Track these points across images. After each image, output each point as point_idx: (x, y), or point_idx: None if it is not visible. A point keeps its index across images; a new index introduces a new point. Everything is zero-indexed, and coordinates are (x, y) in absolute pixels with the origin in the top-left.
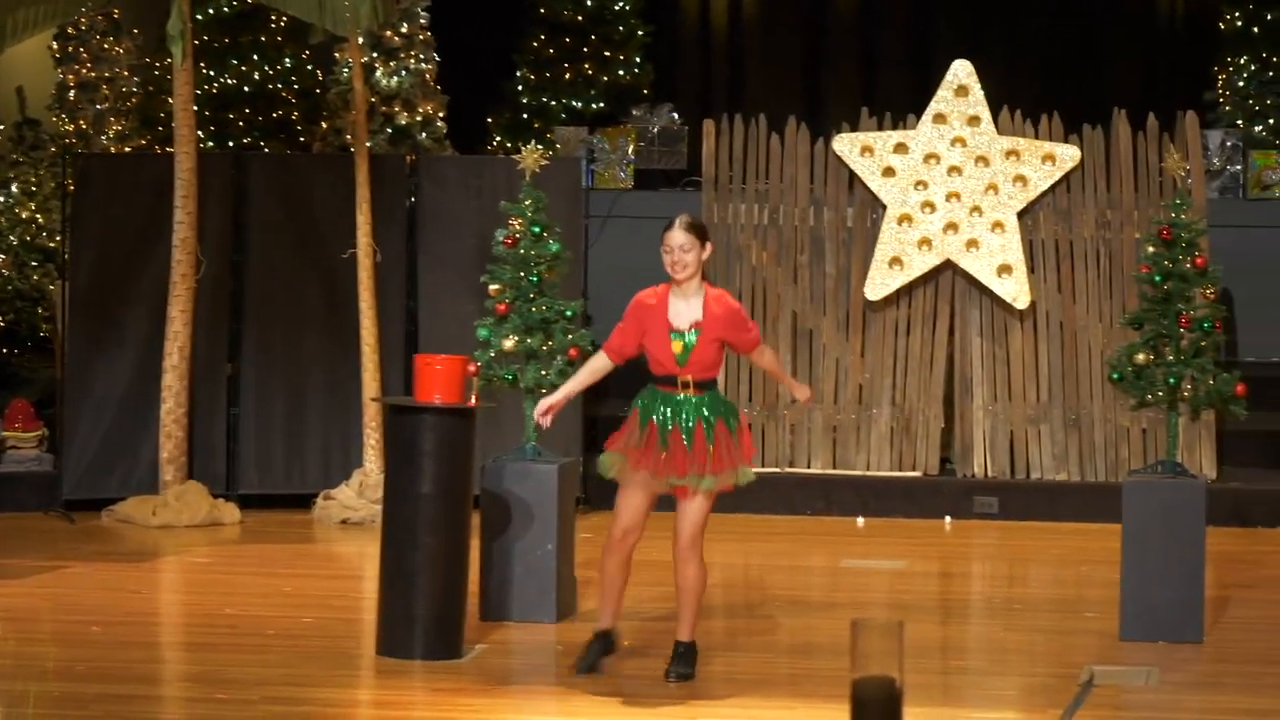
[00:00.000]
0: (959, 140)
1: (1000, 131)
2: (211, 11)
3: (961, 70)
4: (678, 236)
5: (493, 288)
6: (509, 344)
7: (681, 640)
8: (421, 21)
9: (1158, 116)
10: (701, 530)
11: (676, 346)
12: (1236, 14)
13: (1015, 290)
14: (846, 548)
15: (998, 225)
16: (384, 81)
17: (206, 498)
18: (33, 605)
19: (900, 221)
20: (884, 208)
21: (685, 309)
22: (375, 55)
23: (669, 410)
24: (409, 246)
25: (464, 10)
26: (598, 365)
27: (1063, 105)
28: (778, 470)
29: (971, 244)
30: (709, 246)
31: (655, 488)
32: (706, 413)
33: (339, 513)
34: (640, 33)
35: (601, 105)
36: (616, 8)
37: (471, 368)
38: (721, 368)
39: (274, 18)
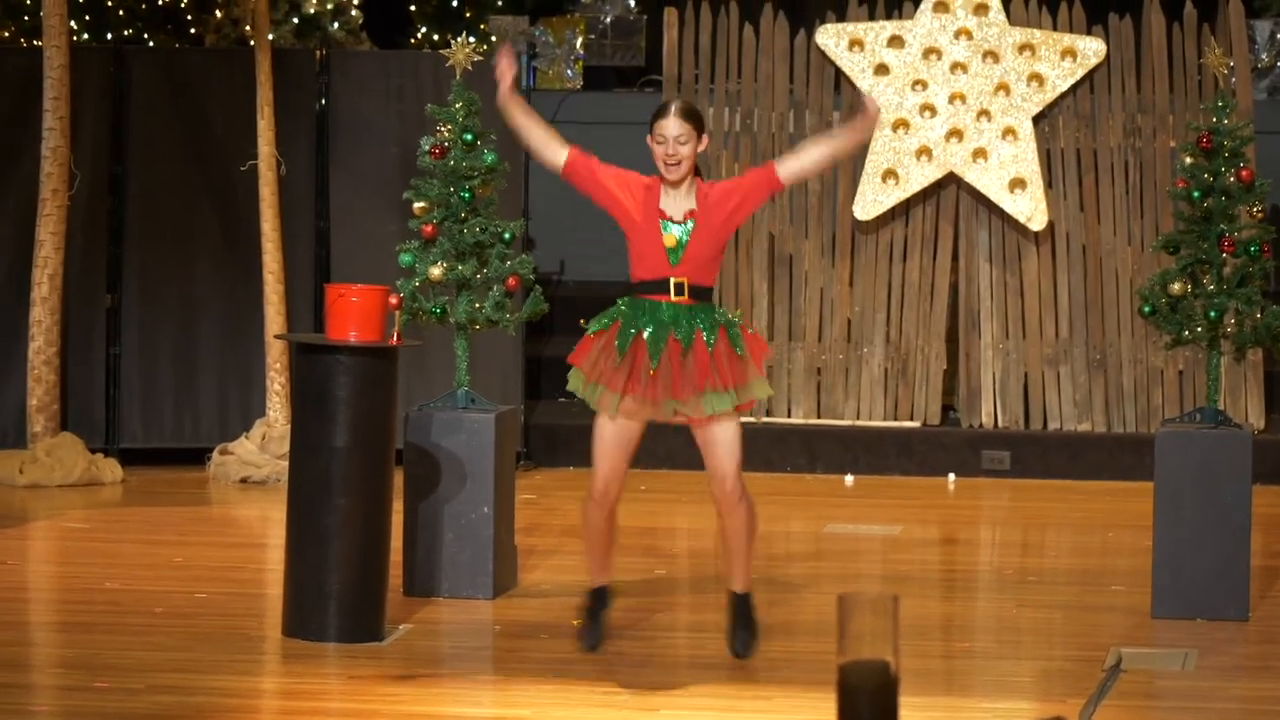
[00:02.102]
0: (964, 32)
1: (1012, 21)
2: None
3: None
4: (672, 125)
5: (417, 205)
6: (437, 271)
7: (738, 591)
8: None
9: (1196, 3)
10: (742, 461)
11: (670, 239)
12: None
13: (1030, 208)
14: (832, 510)
15: (1009, 132)
16: None
17: (83, 453)
18: None
19: (895, 128)
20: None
21: (679, 198)
22: None
23: (659, 321)
24: (319, 157)
25: None
26: (551, 150)
27: None
28: (752, 420)
29: (979, 154)
30: (706, 138)
31: (649, 416)
32: (704, 321)
33: (238, 470)
34: None
35: None
36: None
37: (393, 299)
38: (717, 278)
39: None
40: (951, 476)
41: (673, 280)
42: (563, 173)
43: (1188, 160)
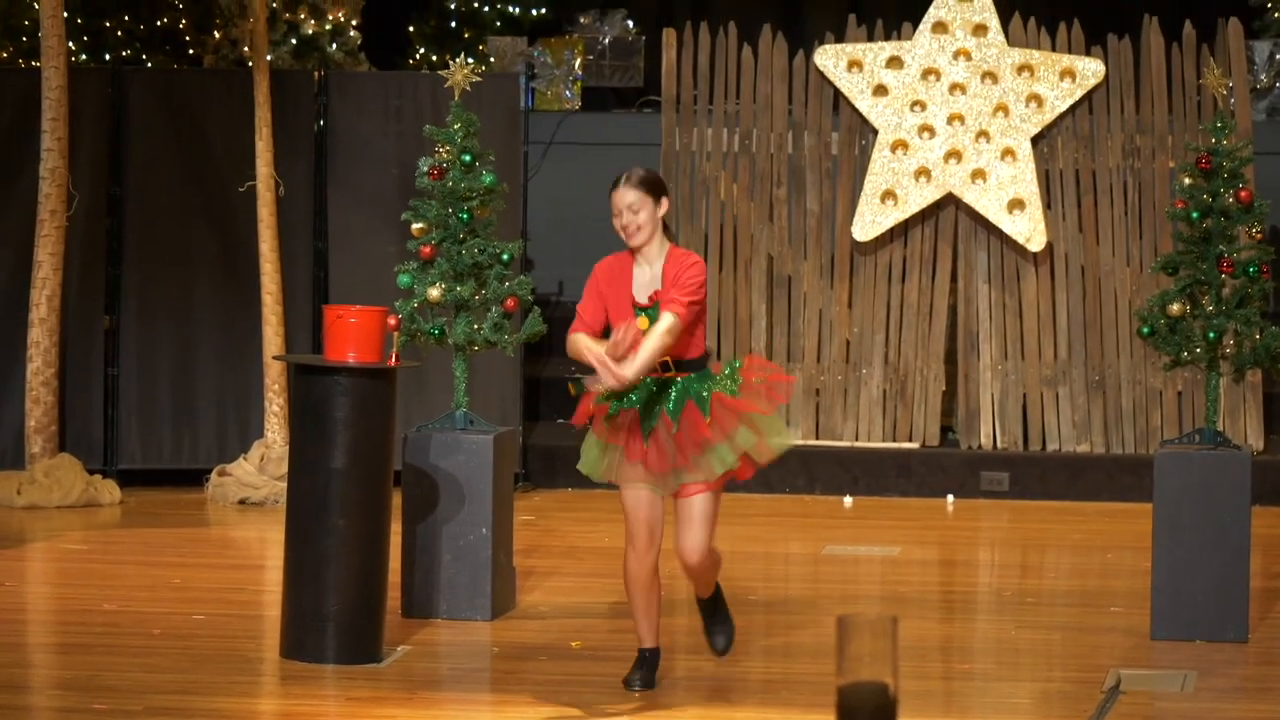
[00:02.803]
0: (963, 53)
1: (1011, 42)
2: None
3: None
4: (625, 195)
5: (416, 226)
6: (435, 293)
7: (704, 597)
8: None
9: (1195, 24)
10: (713, 527)
11: (643, 323)
12: None
13: (1029, 229)
14: (831, 532)
15: (1008, 153)
16: None
17: (81, 474)
18: None
19: (894, 149)
20: (875, 132)
21: (647, 278)
22: None
23: (649, 396)
24: (317, 178)
25: None
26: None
27: (1084, 11)
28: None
29: (978, 175)
30: (665, 202)
31: (656, 487)
32: (699, 389)
33: (236, 491)
34: None
35: (543, 11)
36: None
37: (391, 320)
38: (704, 341)
39: None
40: (950, 497)
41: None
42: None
43: (1187, 181)
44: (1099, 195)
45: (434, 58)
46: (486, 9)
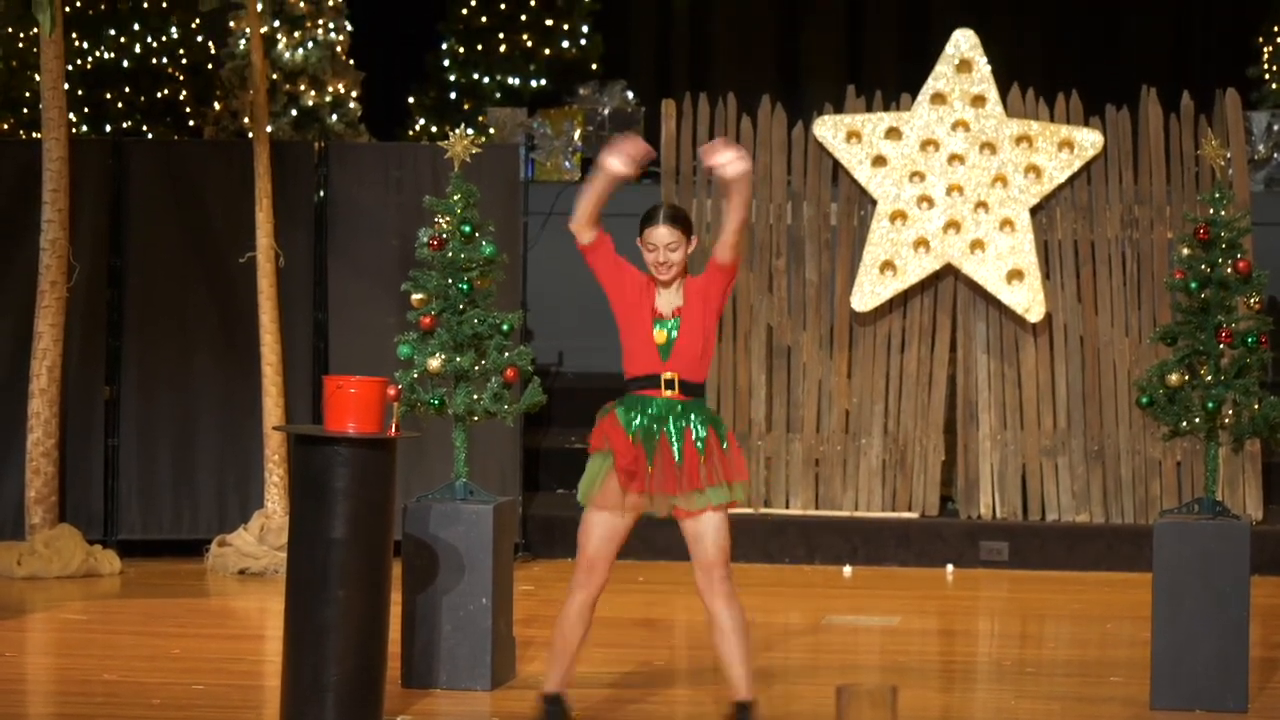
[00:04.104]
0: (961, 124)
1: (1009, 113)
2: None
3: (964, 41)
4: (663, 233)
5: (416, 297)
6: (435, 363)
7: (742, 700)
8: None
9: (1193, 95)
10: (729, 545)
11: (660, 336)
12: None
13: (1028, 300)
14: (831, 601)
15: (1007, 223)
16: (288, 55)
17: (81, 544)
18: None
19: (893, 219)
20: (874, 203)
21: (670, 298)
22: (277, 24)
23: (650, 417)
24: (317, 249)
25: None
26: (590, 225)
27: (1082, 82)
28: (750, 511)
29: (976, 245)
30: (694, 240)
31: (645, 509)
32: (695, 419)
33: (236, 561)
34: None
35: (543, 83)
36: None
37: (391, 391)
38: (707, 375)
39: None
40: (950, 567)
41: (664, 376)
42: (586, 247)
43: (1185, 251)
44: (1097, 266)
45: (434, 129)
46: (486, 80)
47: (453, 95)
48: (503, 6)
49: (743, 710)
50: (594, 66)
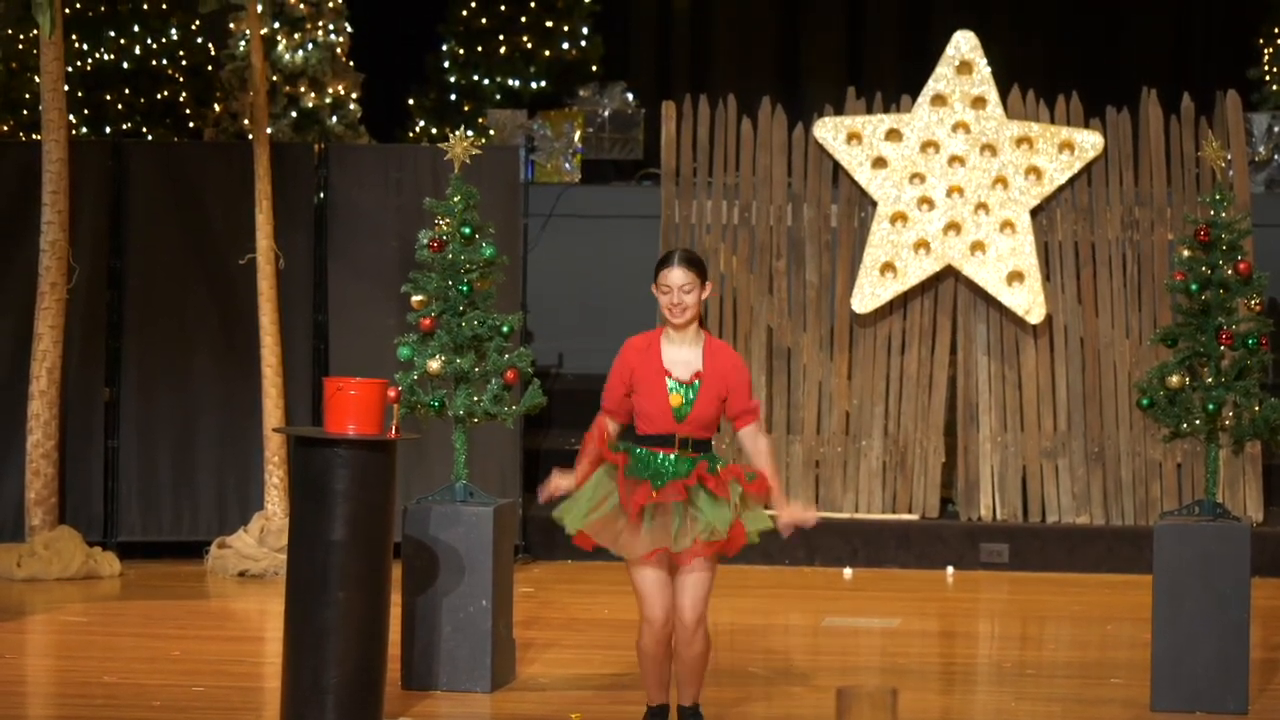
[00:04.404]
0: (961, 125)
1: (1009, 115)
2: None
3: (964, 42)
4: (677, 275)
5: (416, 299)
6: (435, 365)
7: (686, 705)
8: None
9: (1193, 97)
10: (706, 602)
11: (675, 400)
12: None
13: (1028, 301)
14: (831, 603)
15: (1007, 225)
16: (288, 57)
17: (81, 546)
18: None
19: (893, 221)
20: (874, 205)
21: (684, 356)
22: (277, 26)
23: (660, 474)
24: (317, 250)
25: None
26: (607, 432)
27: (1083, 84)
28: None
29: (977, 247)
30: (709, 286)
31: (662, 545)
32: (705, 464)
33: (236, 563)
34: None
35: (543, 85)
36: None
37: (391, 393)
38: (717, 432)
39: None
40: (950, 569)
41: (677, 436)
42: (624, 422)
43: (1185, 253)
44: (1098, 267)
45: (434, 131)
46: (486, 82)
47: (453, 97)
48: (503, 8)
49: (686, 711)
50: (594, 68)
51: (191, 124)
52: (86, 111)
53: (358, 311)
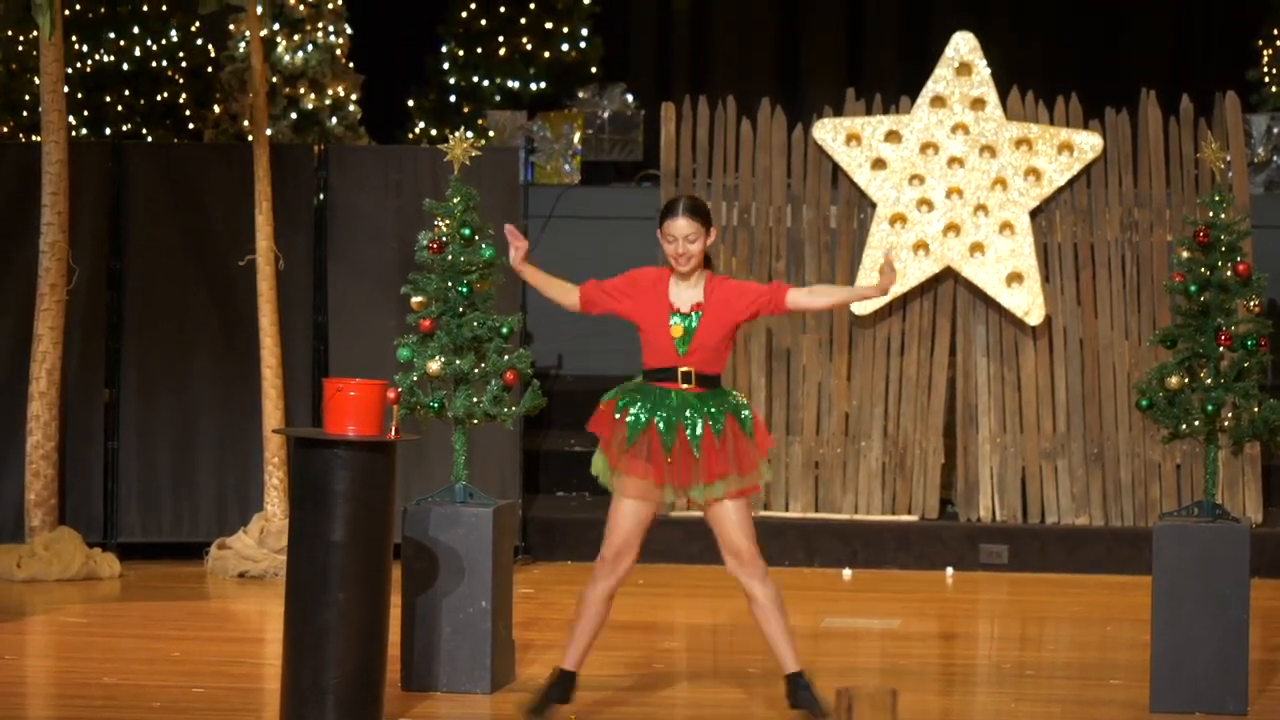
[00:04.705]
0: (961, 127)
1: (1009, 116)
2: None
3: (963, 44)
4: (682, 225)
5: (415, 300)
6: (435, 366)
7: (793, 671)
8: None
9: (1193, 98)
10: (753, 529)
11: (677, 330)
12: None
13: (1027, 302)
14: (831, 604)
15: (1006, 226)
16: (287, 58)
17: (81, 547)
18: None
19: (893, 222)
20: (873, 206)
21: (686, 291)
22: (277, 27)
23: (667, 409)
24: (317, 252)
25: None
26: (567, 296)
27: (1082, 85)
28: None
29: (976, 248)
30: (713, 232)
31: (658, 498)
32: (713, 409)
33: (236, 564)
34: (587, 1)
35: (542, 86)
36: None
37: (391, 394)
38: (726, 365)
39: None
40: (949, 570)
41: (680, 369)
42: (581, 309)
43: (1184, 254)
44: (1097, 268)
45: (433, 132)
46: (486, 83)
47: (452, 98)
48: (502, 9)
49: (794, 681)
50: (593, 69)
51: (191, 125)
52: (86, 113)
53: (357, 313)
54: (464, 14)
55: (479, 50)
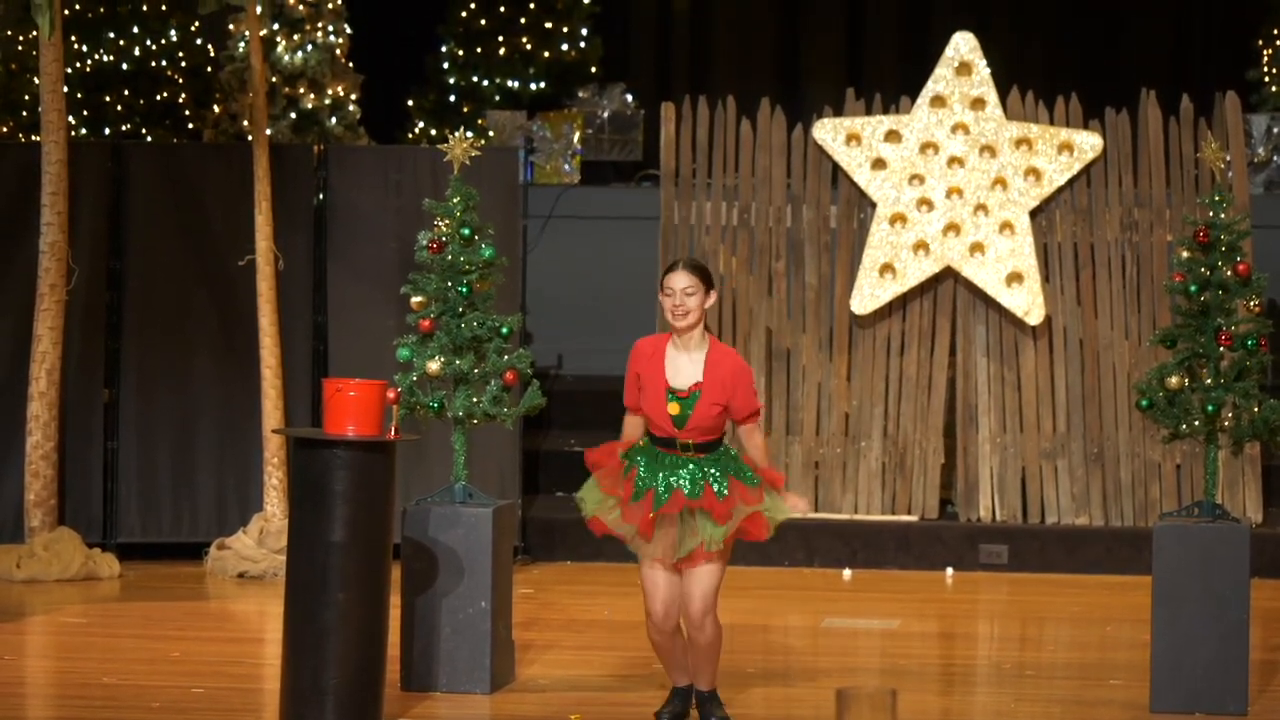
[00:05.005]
0: (961, 127)
1: (1009, 116)
2: None
3: (963, 44)
4: (680, 278)
5: (415, 300)
6: (434, 366)
7: (703, 690)
8: None
9: (1193, 98)
10: (715, 595)
11: (673, 408)
12: None
13: (1027, 302)
14: (830, 604)
15: (1006, 226)
16: (287, 58)
17: (80, 547)
18: None
19: (893, 222)
20: (873, 206)
21: (685, 365)
22: (277, 27)
23: (668, 473)
24: (317, 252)
25: None
26: (634, 430)
27: (1082, 85)
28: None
29: (976, 248)
30: (713, 294)
31: (664, 554)
32: (714, 471)
33: (235, 564)
34: (587, 1)
35: (542, 86)
36: None
37: (391, 394)
38: (725, 428)
39: None
40: (949, 570)
41: (679, 441)
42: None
43: (1185, 254)
44: (1097, 268)
45: (433, 132)
46: (485, 83)
47: (452, 98)
48: (502, 9)
49: (702, 695)
50: (593, 69)
51: (191, 125)
52: (86, 113)
53: (357, 313)
54: (464, 14)
55: (479, 50)
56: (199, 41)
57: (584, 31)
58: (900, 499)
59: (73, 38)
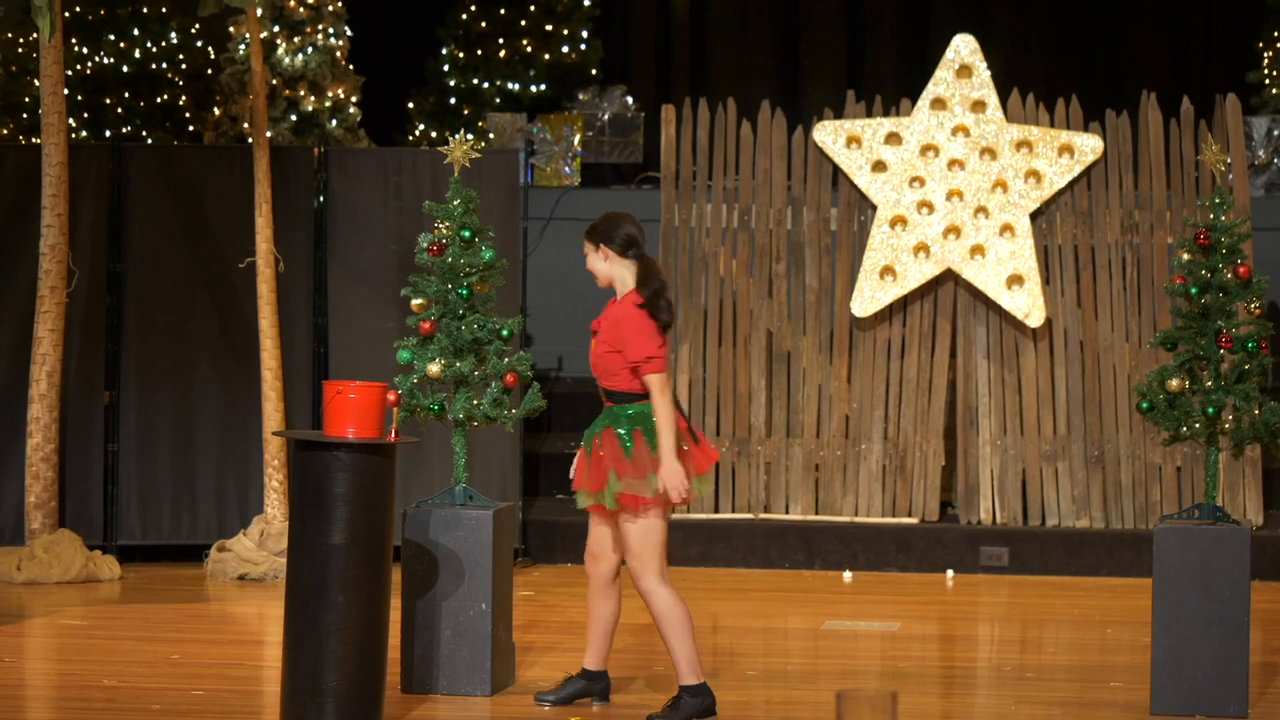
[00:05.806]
0: (961, 129)
1: (1009, 119)
2: None
3: (964, 46)
4: (584, 246)
5: (415, 302)
6: (435, 368)
7: (682, 684)
8: None
9: (1193, 100)
10: (643, 558)
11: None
12: None
13: (1027, 305)
14: (831, 607)
15: (1007, 229)
16: (287, 60)
17: (81, 549)
18: None
19: (893, 224)
20: (874, 208)
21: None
22: (277, 29)
23: (595, 422)
24: (317, 254)
25: None
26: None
27: (1082, 88)
28: (750, 517)
29: (976, 251)
30: (604, 248)
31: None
32: (622, 430)
33: (236, 567)
34: (587, 3)
35: (542, 88)
36: None
37: (391, 396)
38: (628, 386)
39: None
40: (950, 573)
41: (599, 386)
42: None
43: (1185, 256)
44: (1098, 271)
45: (434, 134)
46: (486, 85)
47: (452, 100)
48: (502, 12)
49: (680, 693)
50: (594, 72)
51: (191, 127)
52: (86, 115)
53: (357, 315)
54: (464, 16)
55: (479, 52)
56: (199, 44)
57: (584, 34)
58: (901, 501)
59: (73, 40)
